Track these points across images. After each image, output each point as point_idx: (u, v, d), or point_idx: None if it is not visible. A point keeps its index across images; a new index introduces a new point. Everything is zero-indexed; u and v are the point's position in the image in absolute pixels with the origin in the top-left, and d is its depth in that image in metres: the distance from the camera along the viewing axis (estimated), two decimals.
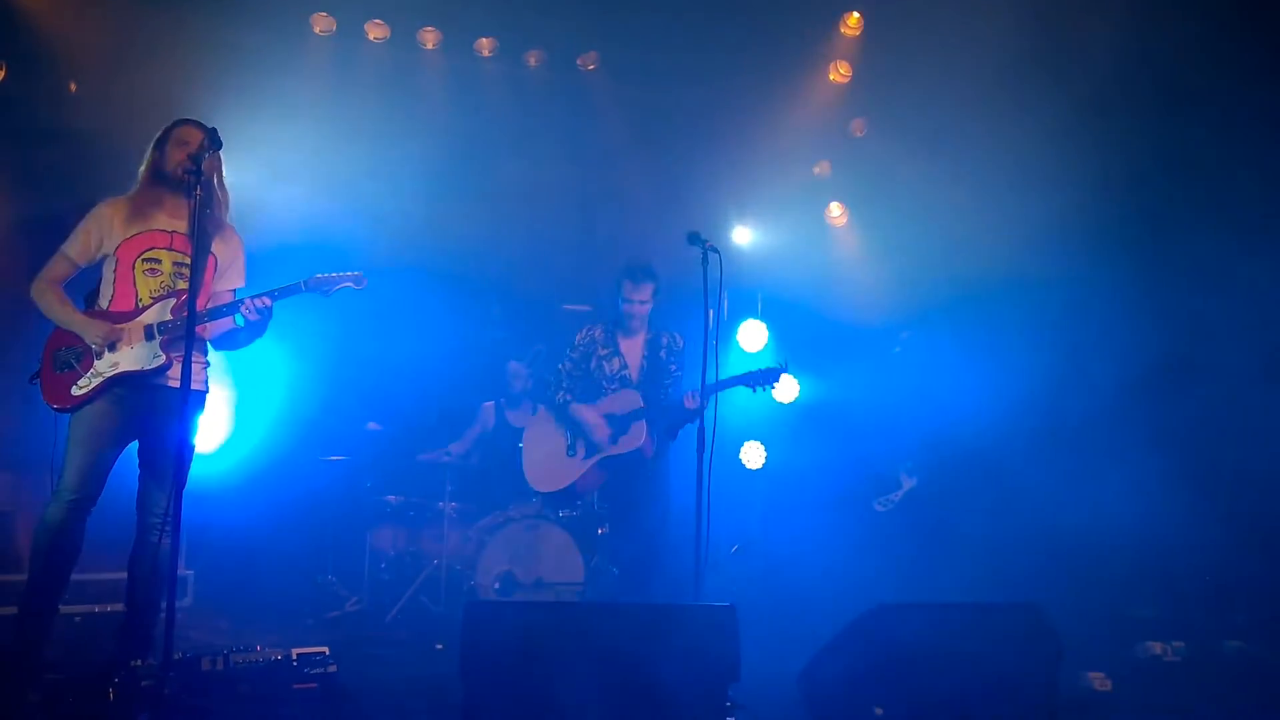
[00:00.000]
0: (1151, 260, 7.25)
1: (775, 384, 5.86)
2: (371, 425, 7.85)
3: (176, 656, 4.09)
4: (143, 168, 4.87)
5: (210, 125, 4.61)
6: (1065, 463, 7.31)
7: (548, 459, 6.28)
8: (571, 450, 6.20)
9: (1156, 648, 6.31)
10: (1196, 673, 6.18)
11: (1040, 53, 7.24)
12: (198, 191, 4.28)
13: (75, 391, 4.64)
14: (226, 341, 4.98)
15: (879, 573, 7.54)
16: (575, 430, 6.19)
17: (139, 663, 4.28)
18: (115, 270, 4.76)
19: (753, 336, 9.01)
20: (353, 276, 4.87)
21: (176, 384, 4.21)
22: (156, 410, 4.72)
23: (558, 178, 8.43)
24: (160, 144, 4.82)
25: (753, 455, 8.89)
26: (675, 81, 8.28)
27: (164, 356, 4.69)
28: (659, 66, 8.19)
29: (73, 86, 7.24)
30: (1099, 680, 5.64)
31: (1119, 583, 7.10)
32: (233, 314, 4.77)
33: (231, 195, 5.01)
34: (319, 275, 4.84)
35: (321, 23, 7.62)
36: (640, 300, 6.11)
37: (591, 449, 6.15)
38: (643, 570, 6.11)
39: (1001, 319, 7.70)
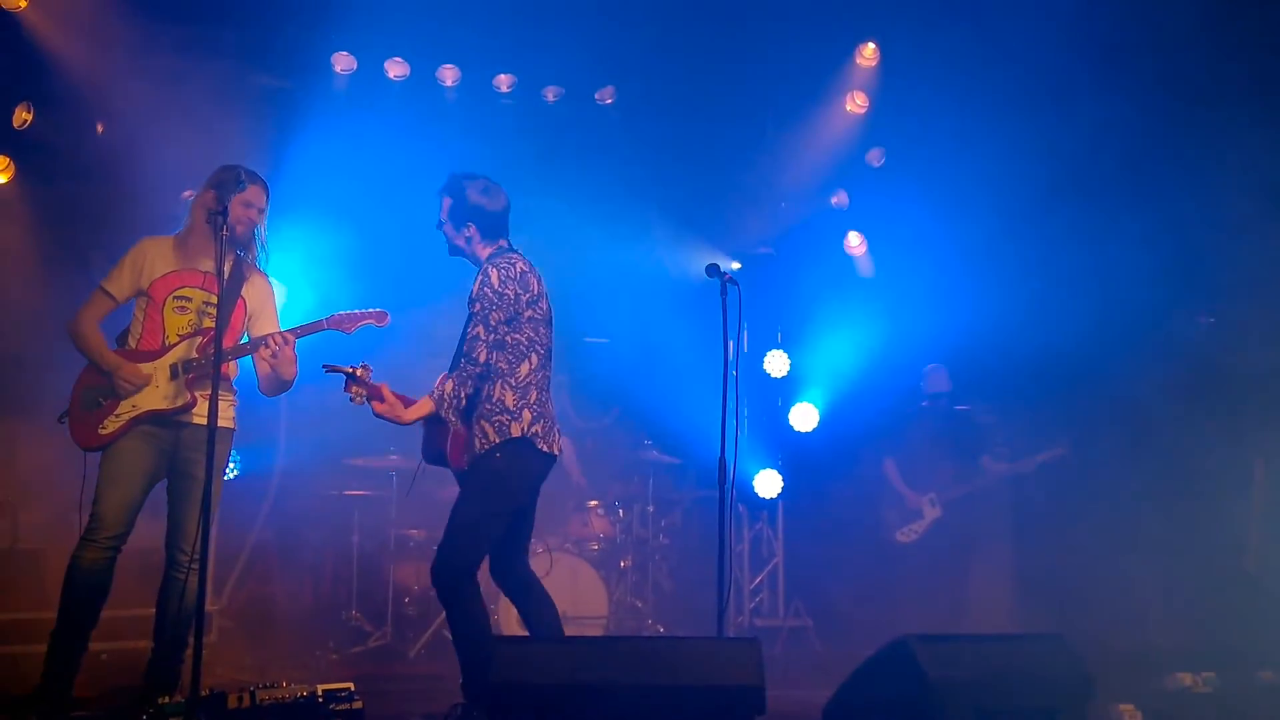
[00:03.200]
0: (1176, 286, 7.20)
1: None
2: (393, 457, 7.88)
3: (204, 693, 4.11)
4: (193, 207, 4.90)
5: (234, 165, 4.69)
6: (1093, 496, 7.28)
7: None
8: None
9: (1187, 679, 6.24)
10: (1228, 705, 6.10)
11: (1057, 79, 7.27)
12: (224, 230, 4.33)
13: (102, 430, 4.68)
14: (271, 387, 4.99)
15: (903, 604, 7.50)
16: None
17: (167, 699, 4.31)
18: (146, 308, 4.81)
19: (777, 365, 9.03)
20: (375, 314, 4.90)
21: (204, 421, 4.25)
22: (184, 447, 4.76)
23: (576, 211, 8.49)
24: (216, 189, 4.75)
25: (768, 484, 8.86)
26: (692, 114, 8.34)
27: (189, 395, 4.73)
28: (676, 100, 8.26)
29: (100, 127, 7.34)
30: (1129, 713, 5.57)
31: (1147, 612, 7.05)
32: (256, 351, 4.80)
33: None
34: (341, 313, 4.89)
35: (342, 62, 7.72)
36: None
37: None
38: None
39: (1022, 347, 7.69)
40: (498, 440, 4.62)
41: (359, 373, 4.65)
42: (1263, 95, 6.72)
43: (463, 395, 4.60)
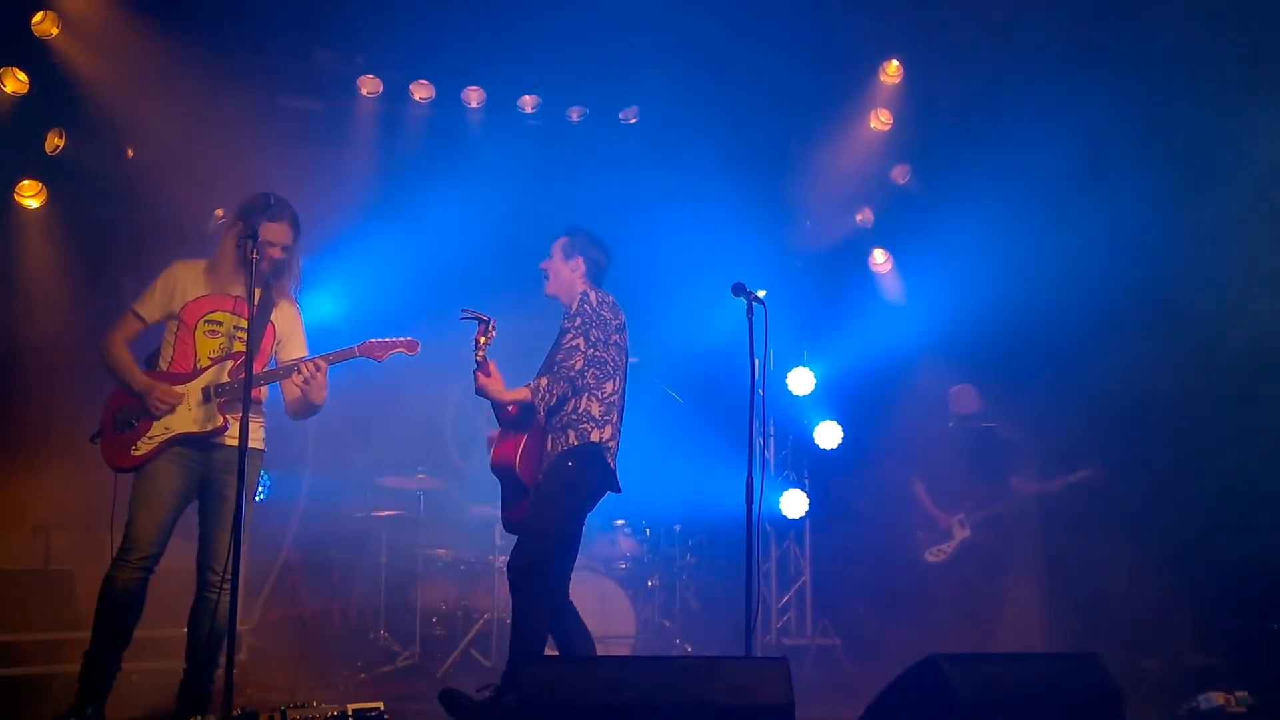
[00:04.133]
0: (1200, 310, 7.14)
1: None
2: (421, 477, 7.92)
3: (235, 713, 4.13)
4: (223, 234, 4.94)
5: (263, 192, 4.73)
6: (1123, 514, 7.22)
7: None
8: None
9: (1220, 698, 6.17)
10: None
11: (1081, 92, 7.24)
12: (253, 255, 4.37)
13: (135, 452, 4.73)
14: (299, 410, 5.03)
15: (932, 623, 7.45)
16: None
17: (198, 719, 4.33)
18: (177, 332, 4.86)
19: (801, 382, 9.02)
20: (406, 343, 4.94)
21: (235, 443, 4.29)
22: (215, 468, 4.81)
23: (602, 231, 8.51)
24: (244, 217, 4.75)
25: (794, 505, 8.82)
26: (716, 133, 8.35)
27: (221, 418, 4.77)
28: (700, 119, 8.28)
29: (130, 152, 7.43)
30: None
31: (1179, 631, 6.98)
32: (288, 376, 4.84)
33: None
34: (373, 340, 4.92)
35: (369, 85, 7.80)
36: None
37: None
38: None
39: (1049, 368, 7.64)
40: (577, 444, 4.89)
41: (491, 324, 4.94)
42: None
43: (555, 393, 4.87)
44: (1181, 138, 7.07)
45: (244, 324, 4.60)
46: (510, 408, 5.02)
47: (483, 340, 4.95)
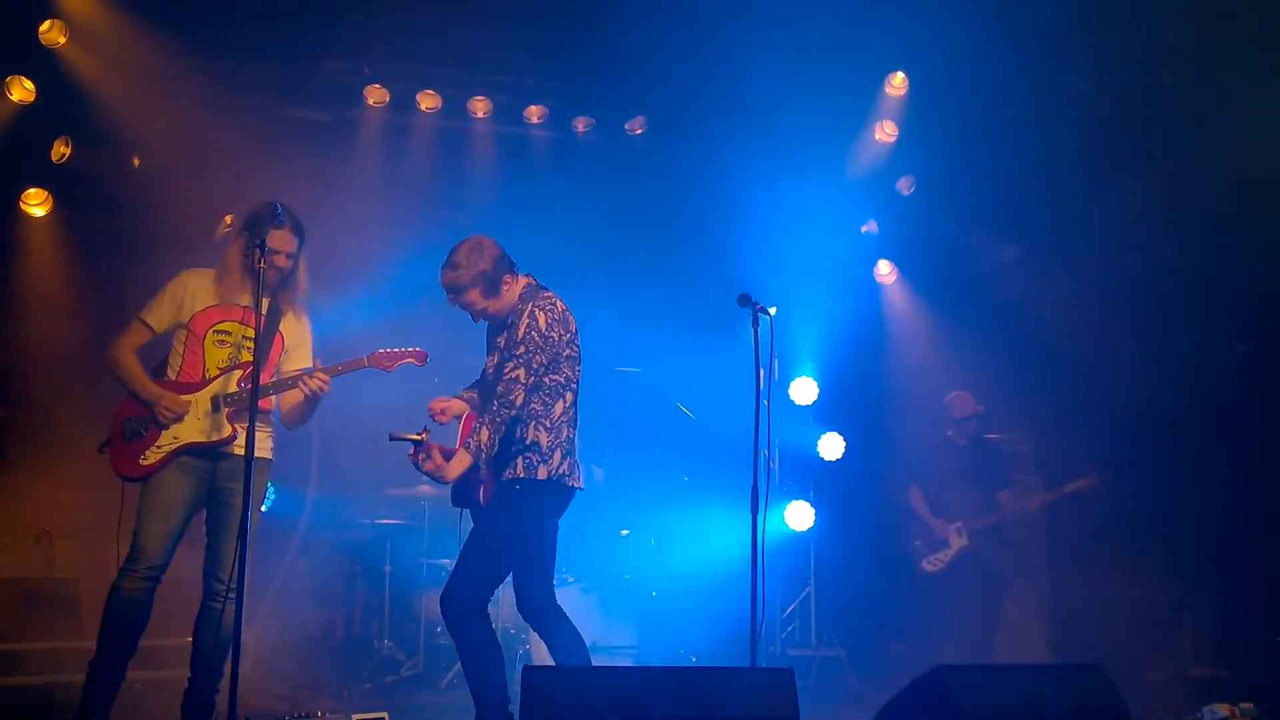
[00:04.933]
0: (1220, 317, 7.13)
1: None
2: (425, 488, 7.91)
3: None
4: (229, 243, 4.96)
5: (268, 201, 4.73)
6: (1125, 524, 7.22)
7: None
8: None
9: (1224, 709, 6.16)
10: None
11: (1090, 102, 7.25)
12: (260, 264, 4.37)
13: (143, 461, 4.74)
14: (294, 419, 5.05)
15: (937, 634, 7.45)
16: None
17: None
18: (186, 341, 4.87)
19: (804, 392, 9.02)
20: (415, 353, 4.94)
21: (243, 452, 4.30)
22: (223, 478, 4.81)
23: (607, 241, 8.53)
24: (251, 226, 4.73)
25: (799, 517, 8.81)
26: (722, 144, 8.37)
27: (230, 428, 4.78)
28: (706, 130, 8.30)
29: (136, 161, 7.45)
30: None
31: (1185, 642, 6.98)
32: (295, 387, 4.85)
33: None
34: (381, 351, 4.93)
35: (375, 94, 7.82)
36: None
37: None
38: None
39: (1053, 373, 7.65)
40: (523, 476, 4.59)
41: (423, 437, 4.61)
42: None
43: (497, 442, 4.52)
44: (1179, 138, 7.08)
45: (252, 334, 4.61)
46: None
47: (418, 458, 4.60)
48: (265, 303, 4.61)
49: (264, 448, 4.91)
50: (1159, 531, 7.03)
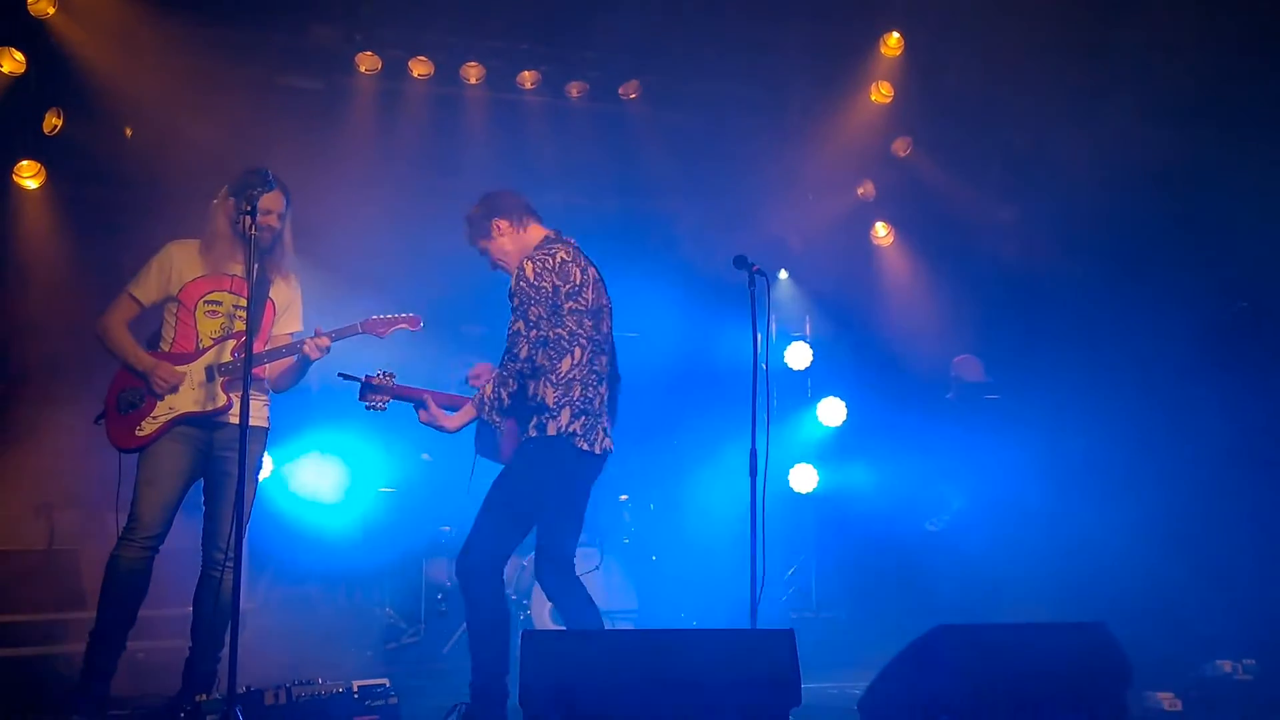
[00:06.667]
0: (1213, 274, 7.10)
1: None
2: (425, 457, 7.90)
3: (241, 691, 4.14)
4: (216, 212, 4.90)
5: (262, 168, 4.68)
6: (1127, 481, 7.21)
7: None
8: None
9: (1226, 666, 6.17)
10: (1269, 692, 6.03)
11: (1087, 62, 7.20)
12: (252, 231, 4.32)
13: (139, 432, 4.72)
14: (283, 383, 5.04)
15: (938, 594, 7.46)
16: None
17: (204, 697, 4.35)
18: (178, 313, 4.85)
19: (799, 357, 9.01)
20: (408, 319, 4.95)
21: (239, 420, 4.29)
22: (220, 447, 4.81)
23: (602, 207, 8.48)
24: (236, 193, 4.73)
25: (804, 479, 8.83)
26: (716, 108, 8.32)
27: (225, 397, 4.77)
28: (700, 93, 8.25)
29: (128, 132, 7.39)
30: (1168, 701, 5.54)
31: (1187, 598, 6.98)
32: (291, 355, 4.84)
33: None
34: (375, 317, 4.92)
35: (367, 62, 7.74)
36: None
37: None
38: None
39: (1050, 329, 7.63)
40: (535, 435, 4.57)
41: (378, 380, 4.61)
42: None
43: (504, 395, 4.50)
44: (1182, 109, 7.04)
45: (243, 302, 4.58)
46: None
47: (371, 400, 4.61)
48: (255, 269, 4.57)
49: (260, 416, 4.91)
50: (1161, 489, 7.03)
